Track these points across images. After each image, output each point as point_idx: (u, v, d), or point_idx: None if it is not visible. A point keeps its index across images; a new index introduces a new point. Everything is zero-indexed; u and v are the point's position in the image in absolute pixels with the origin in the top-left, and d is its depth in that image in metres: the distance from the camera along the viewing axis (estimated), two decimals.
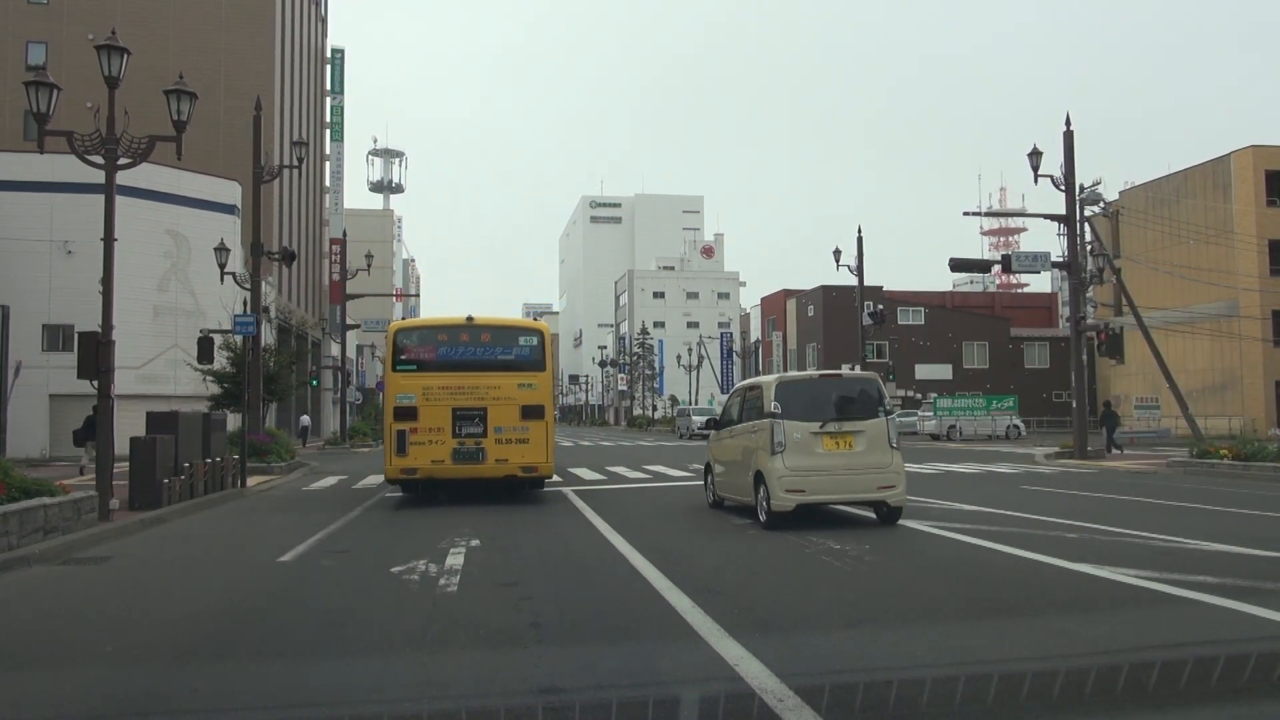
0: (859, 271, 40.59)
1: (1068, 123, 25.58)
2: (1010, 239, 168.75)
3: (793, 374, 17.26)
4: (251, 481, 19.15)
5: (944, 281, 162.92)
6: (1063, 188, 25.23)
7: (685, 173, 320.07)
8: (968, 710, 4.04)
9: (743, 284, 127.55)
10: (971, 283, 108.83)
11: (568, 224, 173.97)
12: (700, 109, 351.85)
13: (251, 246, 24.09)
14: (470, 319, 15.12)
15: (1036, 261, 24.86)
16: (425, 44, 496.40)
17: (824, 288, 59.04)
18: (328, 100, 70.33)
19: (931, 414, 44.55)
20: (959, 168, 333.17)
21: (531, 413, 14.36)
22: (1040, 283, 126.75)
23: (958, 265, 24.62)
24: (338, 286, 62.40)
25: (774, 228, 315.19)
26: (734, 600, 6.49)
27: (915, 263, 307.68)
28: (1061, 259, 25.55)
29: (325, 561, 8.73)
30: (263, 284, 47.58)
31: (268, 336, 26.12)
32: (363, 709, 4.28)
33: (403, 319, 47.63)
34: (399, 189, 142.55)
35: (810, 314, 60.65)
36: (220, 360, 24.65)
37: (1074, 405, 25.34)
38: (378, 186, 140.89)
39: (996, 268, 25.26)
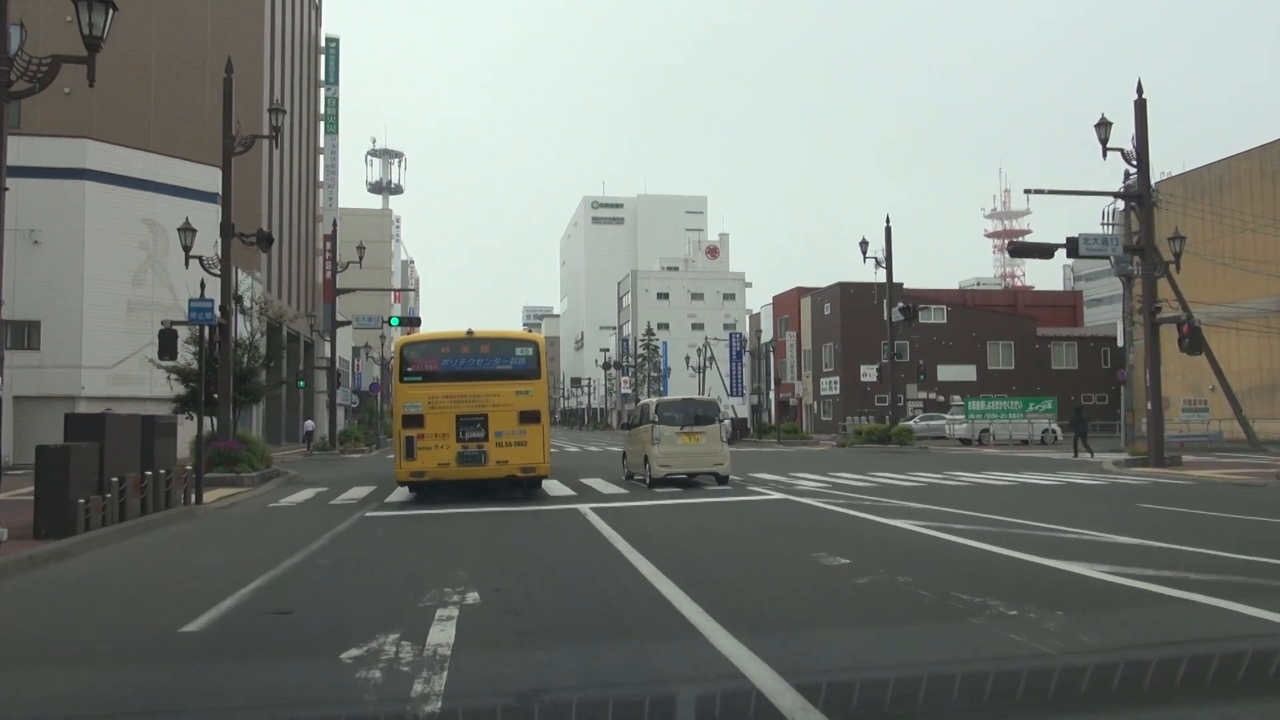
0: (887, 264, 37.79)
1: (1139, 90, 22.77)
2: (1015, 241, 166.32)
3: (667, 397, 24.20)
4: (212, 496, 16.35)
5: (949, 282, 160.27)
6: (1134, 162, 22.43)
7: (688, 174, 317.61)
8: None
9: (749, 285, 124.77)
10: (978, 284, 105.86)
11: (569, 225, 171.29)
12: (702, 111, 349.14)
13: (221, 227, 21.32)
14: (470, 332, 16.05)
15: (1106, 245, 22.07)
16: (425, 44, 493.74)
17: (841, 284, 56.19)
18: (322, 91, 67.58)
19: (962, 417, 41.69)
20: (964, 168, 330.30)
21: (529, 417, 15.39)
22: (1048, 280, 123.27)
23: (1018, 249, 21.86)
24: (331, 284, 59.74)
25: (778, 230, 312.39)
26: None
27: (919, 264, 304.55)
28: (1096, 244, 22.74)
29: (247, 635, 5.89)
30: (249, 278, 44.83)
31: (242, 330, 23.22)
32: None
33: (402, 314, 45.05)
34: (398, 190, 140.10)
35: (826, 312, 57.79)
36: (187, 356, 21.81)
37: (1149, 407, 22.45)
38: (376, 187, 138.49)
39: (1060, 251, 22.44)
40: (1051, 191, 21.48)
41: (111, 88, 49.44)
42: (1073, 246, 22.16)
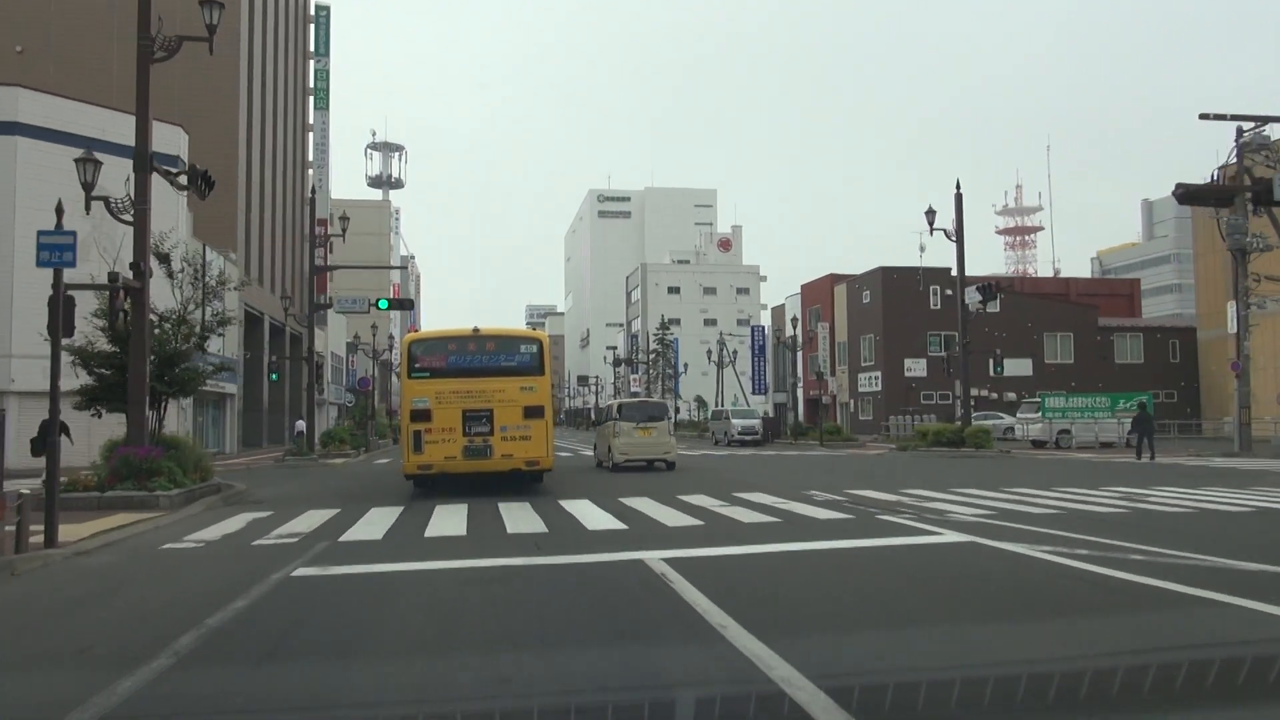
0: (958, 236, 32.40)
1: None
2: (1027, 238, 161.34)
3: (627, 399, 29.36)
4: (91, 528, 11.09)
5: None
6: None
7: (695, 171, 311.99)
8: None
9: (763, 278, 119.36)
10: (997, 286, 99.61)
11: (574, 220, 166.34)
12: (709, 107, 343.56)
13: (135, 156, 16.04)
14: (477, 330, 16.17)
15: None
16: (426, 36, 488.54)
17: (883, 269, 50.78)
18: (311, 64, 62.26)
19: (1035, 415, 36.27)
20: (968, 166, 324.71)
21: (533, 413, 15.55)
22: (1073, 267, 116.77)
23: (1188, 196, 16.56)
24: (312, 261, 54.37)
25: (786, 226, 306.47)
26: None
27: (928, 259, 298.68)
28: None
29: None
30: (221, 259, 39.46)
31: (169, 297, 17.85)
32: None
33: (394, 297, 39.47)
34: (398, 184, 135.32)
35: (865, 300, 52.35)
36: (90, 333, 16.49)
37: None
38: (376, 181, 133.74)
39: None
40: (1234, 117, 16.62)
41: (70, 47, 44.21)
42: (1264, 190, 16.83)
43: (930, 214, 32.10)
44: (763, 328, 71.92)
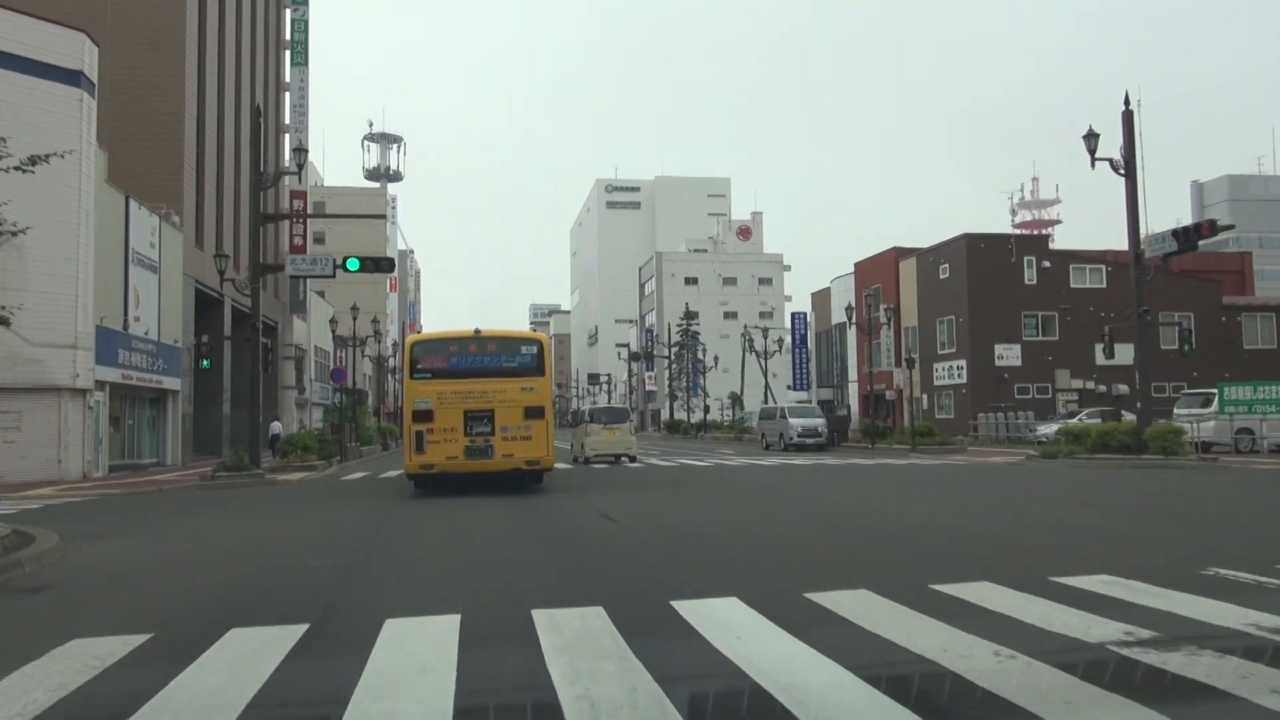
0: (1128, 169, 24.09)
1: None
2: (1044, 231, 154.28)
3: (597, 405, 36.56)
4: None
5: None
6: None
7: (704, 167, 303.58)
8: None
9: (787, 268, 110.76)
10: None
11: (580, 212, 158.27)
12: (715, 103, 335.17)
13: None
14: (478, 331, 16.34)
15: None
16: (425, 34, 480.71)
17: (966, 236, 42.41)
18: (287, 12, 54.04)
19: (1205, 410, 28.04)
20: (975, 159, 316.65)
21: (533, 413, 15.74)
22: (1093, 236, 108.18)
23: None
24: (300, 252, 46.35)
25: (802, 219, 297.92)
26: None
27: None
28: None
29: None
30: (154, 217, 31.18)
31: None
32: None
33: (365, 259, 31.44)
34: (397, 176, 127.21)
35: (943, 276, 43.98)
36: None
37: None
38: (374, 174, 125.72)
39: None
40: None
41: None
42: None
43: (1091, 137, 23.88)
44: (804, 314, 63.69)
